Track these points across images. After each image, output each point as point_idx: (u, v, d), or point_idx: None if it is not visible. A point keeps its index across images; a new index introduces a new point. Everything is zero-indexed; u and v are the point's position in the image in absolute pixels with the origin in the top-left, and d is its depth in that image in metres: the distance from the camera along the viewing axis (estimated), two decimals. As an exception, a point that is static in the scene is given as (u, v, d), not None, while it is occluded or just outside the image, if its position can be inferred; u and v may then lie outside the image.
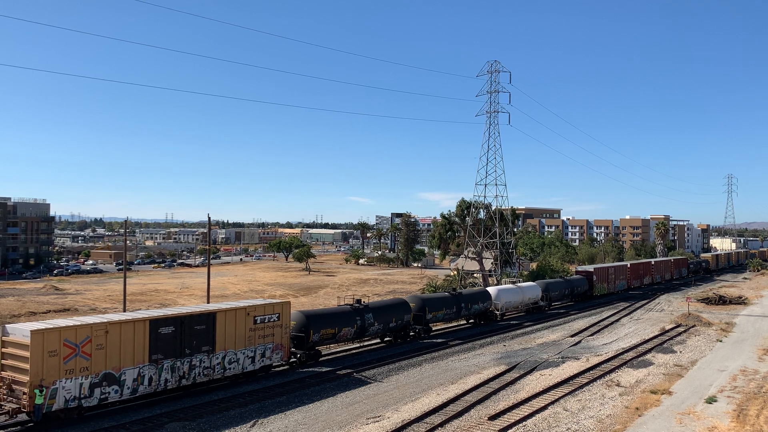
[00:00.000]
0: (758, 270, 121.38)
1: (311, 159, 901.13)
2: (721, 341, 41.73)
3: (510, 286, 56.13)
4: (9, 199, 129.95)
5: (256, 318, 29.92)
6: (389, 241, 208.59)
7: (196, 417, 23.85)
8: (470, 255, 78.50)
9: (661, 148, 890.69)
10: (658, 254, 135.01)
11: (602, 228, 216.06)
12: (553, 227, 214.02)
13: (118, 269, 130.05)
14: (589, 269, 71.60)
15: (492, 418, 23.50)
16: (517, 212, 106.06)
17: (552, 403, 25.73)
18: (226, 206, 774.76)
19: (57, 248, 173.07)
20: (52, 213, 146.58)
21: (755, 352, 37.68)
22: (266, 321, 30.42)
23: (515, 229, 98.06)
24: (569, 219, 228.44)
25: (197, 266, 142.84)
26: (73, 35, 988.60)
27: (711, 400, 26.37)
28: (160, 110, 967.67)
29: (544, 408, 25.04)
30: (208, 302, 43.27)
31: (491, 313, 51.27)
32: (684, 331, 45.25)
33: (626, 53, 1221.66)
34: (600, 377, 30.71)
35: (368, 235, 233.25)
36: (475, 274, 77.64)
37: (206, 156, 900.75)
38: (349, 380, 30.25)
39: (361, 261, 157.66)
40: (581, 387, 28.63)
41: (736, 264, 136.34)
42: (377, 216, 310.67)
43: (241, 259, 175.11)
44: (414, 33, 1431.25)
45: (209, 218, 49.32)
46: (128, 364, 24.43)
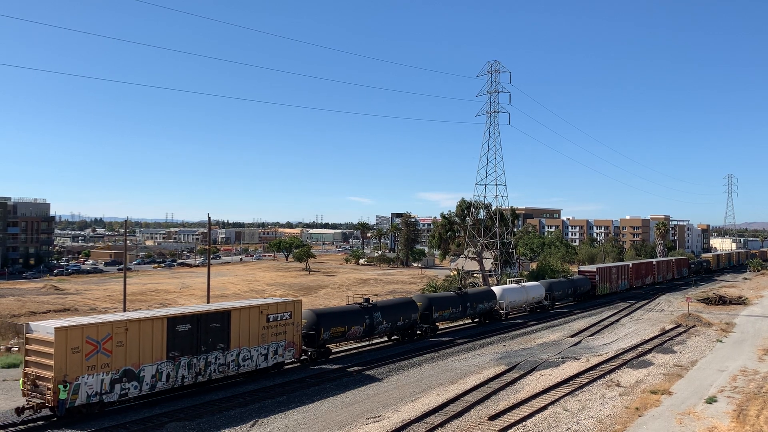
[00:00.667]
0: (758, 270, 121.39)
1: (311, 159, 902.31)
2: (721, 341, 41.73)
3: (514, 286, 56.33)
4: (9, 199, 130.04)
5: (269, 316, 30.40)
6: (389, 241, 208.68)
7: (196, 417, 23.83)
8: (470, 255, 78.55)
9: (661, 148, 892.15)
10: (658, 254, 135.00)
11: (602, 228, 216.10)
12: (553, 227, 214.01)
13: (118, 269, 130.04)
14: (592, 269, 71.75)
15: (492, 418, 23.50)
16: (517, 212, 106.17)
17: (552, 403, 25.72)
18: (226, 206, 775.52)
19: (57, 248, 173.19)
20: (52, 213, 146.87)
21: (755, 353, 37.69)
22: (279, 319, 30.87)
23: (515, 229, 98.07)
24: (569, 219, 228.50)
25: (197, 266, 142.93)
26: (73, 35, 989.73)
27: (711, 401, 26.37)
28: (160, 110, 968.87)
29: (544, 408, 25.04)
30: (208, 302, 43.26)
31: (496, 313, 51.52)
32: (684, 332, 45.26)
33: (626, 53, 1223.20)
34: (600, 377, 30.71)
35: (368, 235, 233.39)
36: (475, 274, 77.67)
37: (206, 156, 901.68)
38: (349, 380, 30.24)
39: (361, 261, 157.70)
40: (581, 387, 28.63)
41: (737, 264, 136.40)
42: (377, 216, 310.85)
43: (241, 259, 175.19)
44: (414, 33, 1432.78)
45: (209, 218, 49.33)
46: (147, 361, 24.99)
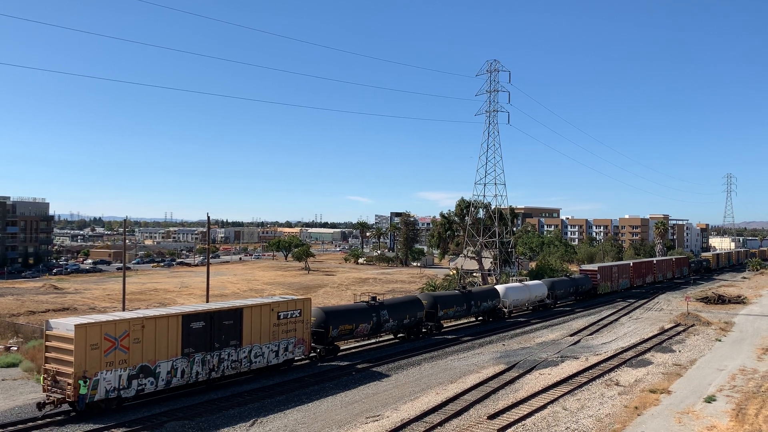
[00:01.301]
0: (757, 269, 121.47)
1: (310, 158, 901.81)
2: (720, 340, 41.78)
3: (518, 285, 56.89)
4: (8, 198, 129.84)
5: (280, 314, 30.88)
6: (388, 241, 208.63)
7: (195, 416, 23.83)
8: (469, 254, 78.56)
9: (661, 148, 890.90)
10: (657, 253, 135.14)
11: (601, 227, 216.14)
12: (553, 227, 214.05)
13: (117, 269, 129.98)
14: (593, 268, 72.19)
15: (491, 417, 23.51)
16: (517, 211, 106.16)
17: (551, 403, 25.75)
18: (226, 205, 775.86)
19: (56, 247, 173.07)
20: (52, 212, 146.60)
21: (754, 352, 37.73)
22: (289, 317, 31.37)
23: (514, 229, 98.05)
24: (568, 218, 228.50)
25: (196, 265, 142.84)
26: (74, 35, 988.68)
27: (710, 400, 26.40)
28: (160, 109, 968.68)
29: (544, 407, 25.05)
30: (207, 302, 43.26)
31: (500, 311, 52.00)
32: (683, 331, 45.31)
33: (626, 53, 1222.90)
34: (599, 376, 30.73)
35: (367, 235, 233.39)
36: (474, 274, 77.69)
37: (205, 155, 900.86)
38: (349, 379, 30.26)
39: (361, 260, 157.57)
40: (580, 386, 28.65)
41: (736, 263, 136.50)
42: (376, 215, 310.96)
43: (241, 259, 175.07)
44: (414, 33, 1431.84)
45: (208, 217, 49.31)
46: (162, 357, 25.53)
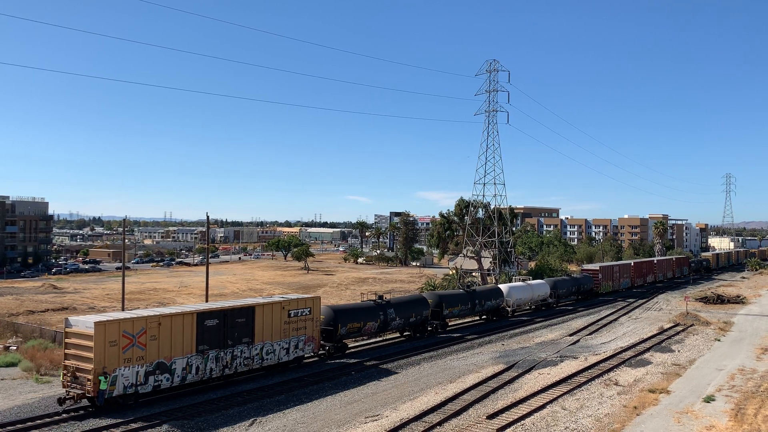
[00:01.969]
0: (756, 269, 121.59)
1: (310, 158, 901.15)
2: (719, 340, 41.81)
3: (521, 284, 57.53)
4: (7, 198, 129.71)
5: (290, 312, 31.30)
6: (388, 240, 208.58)
7: (195, 416, 23.84)
8: (469, 254, 78.56)
9: (660, 148, 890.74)
10: (657, 253, 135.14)
11: (601, 227, 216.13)
12: (552, 226, 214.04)
13: (117, 268, 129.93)
14: (595, 267, 72.58)
15: (490, 417, 23.52)
16: (516, 211, 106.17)
17: (550, 402, 25.76)
18: (225, 205, 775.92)
19: (55, 247, 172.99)
20: (51, 211, 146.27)
21: (753, 351, 37.76)
22: (299, 315, 31.81)
23: (514, 228, 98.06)
24: (568, 218, 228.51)
25: (196, 265, 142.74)
26: (74, 34, 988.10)
27: (709, 399, 26.43)
28: (160, 109, 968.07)
29: (543, 407, 25.07)
30: (207, 301, 43.28)
31: (503, 310, 52.60)
32: (682, 330, 45.33)
33: (626, 53, 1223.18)
34: (598, 376, 30.75)
35: (367, 234, 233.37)
36: (474, 273, 77.70)
37: (205, 155, 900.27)
38: (348, 379, 30.27)
39: (360, 260, 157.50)
40: (579, 386, 28.67)
41: (736, 263, 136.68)
42: (376, 215, 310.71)
43: (240, 258, 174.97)
44: (414, 33, 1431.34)
45: (208, 217, 49.31)
46: (178, 354, 26.06)
